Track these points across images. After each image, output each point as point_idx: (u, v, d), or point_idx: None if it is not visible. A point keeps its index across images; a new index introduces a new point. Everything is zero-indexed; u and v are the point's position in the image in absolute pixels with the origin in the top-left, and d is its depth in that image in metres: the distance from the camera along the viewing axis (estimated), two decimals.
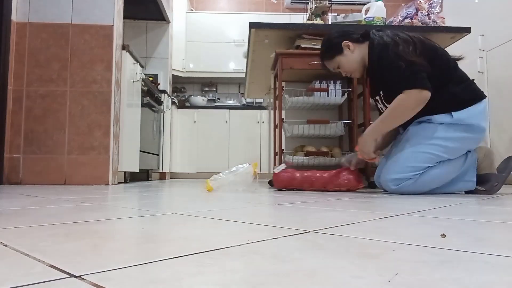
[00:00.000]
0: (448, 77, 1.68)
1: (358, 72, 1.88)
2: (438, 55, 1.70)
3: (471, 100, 1.65)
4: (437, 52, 1.70)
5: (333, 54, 1.87)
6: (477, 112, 1.65)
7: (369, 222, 0.78)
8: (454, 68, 1.71)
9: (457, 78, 1.69)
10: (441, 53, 1.72)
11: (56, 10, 2.61)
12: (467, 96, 1.66)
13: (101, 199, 1.34)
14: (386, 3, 2.49)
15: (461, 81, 1.69)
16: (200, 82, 5.53)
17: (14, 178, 2.51)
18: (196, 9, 5.59)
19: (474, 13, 3.32)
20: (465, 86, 1.68)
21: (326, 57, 1.91)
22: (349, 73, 1.90)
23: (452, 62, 1.72)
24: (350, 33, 1.87)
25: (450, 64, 1.70)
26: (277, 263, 0.44)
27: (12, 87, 2.55)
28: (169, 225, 0.75)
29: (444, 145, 1.64)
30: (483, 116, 1.67)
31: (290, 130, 2.33)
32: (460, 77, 1.70)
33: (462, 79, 1.71)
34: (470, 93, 1.68)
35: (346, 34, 1.87)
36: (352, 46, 1.84)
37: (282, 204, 1.20)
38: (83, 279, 0.37)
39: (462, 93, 1.66)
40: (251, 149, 4.77)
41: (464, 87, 1.68)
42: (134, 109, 3.07)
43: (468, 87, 1.69)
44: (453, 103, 1.65)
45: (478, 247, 0.53)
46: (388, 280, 0.37)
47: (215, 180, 1.89)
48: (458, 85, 1.67)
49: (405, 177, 1.67)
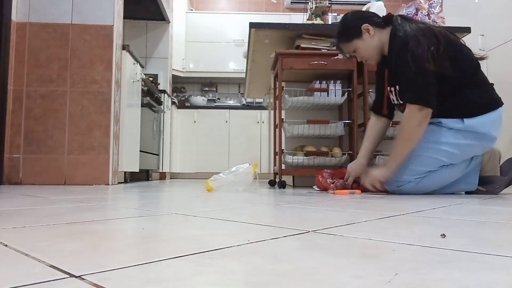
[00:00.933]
0: (468, 80, 1.60)
1: (374, 60, 1.77)
2: (463, 54, 1.61)
3: (486, 108, 1.58)
4: (462, 51, 1.61)
5: (351, 37, 1.73)
6: (490, 120, 1.57)
7: (369, 222, 0.78)
8: (476, 70, 1.62)
9: (476, 82, 1.61)
10: (465, 52, 1.62)
11: (56, 10, 2.61)
12: (483, 103, 1.58)
13: (101, 199, 1.34)
14: (386, 3, 2.49)
15: (480, 86, 1.61)
16: (200, 82, 5.53)
17: (14, 178, 2.51)
18: (196, 9, 5.59)
19: (474, 13, 3.32)
20: (482, 92, 1.61)
21: (343, 40, 1.77)
22: (365, 59, 1.79)
23: (475, 64, 1.63)
24: (371, 16, 1.76)
25: (473, 66, 1.62)
26: (277, 263, 0.44)
27: (12, 87, 2.55)
28: (169, 225, 0.75)
29: (450, 151, 1.59)
30: (496, 125, 1.59)
31: (290, 130, 2.33)
32: (480, 81, 1.62)
33: (481, 83, 1.62)
34: (486, 99, 1.60)
35: (368, 16, 1.76)
36: (372, 31, 1.70)
37: (282, 204, 1.20)
38: (83, 279, 0.37)
39: (478, 98, 1.59)
40: (251, 149, 4.77)
41: (481, 93, 1.60)
42: (134, 109, 3.07)
43: (485, 93, 1.61)
44: (467, 108, 1.58)
45: (478, 247, 0.53)
46: (388, 280, 0.37)
47: (215, 180, 1.89)
48: (475, 90, 1.59)
49: (407, 179, 1.63)
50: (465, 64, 1.60)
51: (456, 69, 1.57)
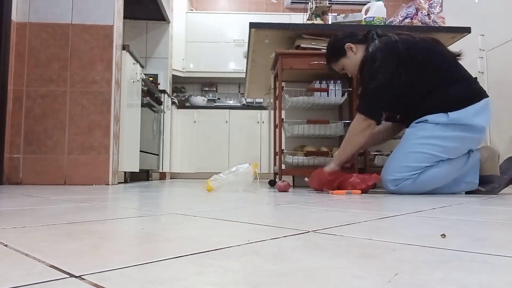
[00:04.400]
0: (446, 76, 1.67)
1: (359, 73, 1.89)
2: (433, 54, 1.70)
3: (468, 100, 1.62)
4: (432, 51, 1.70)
5: (337, 57, 1.91)
6: (473, 111, 1.61)
7: (369, 222, 0.78)
8: (451, 66, 1.70)
9: (456, 77, 1.67)
10: (437, 51, 1.71)
11: (56, 10, 2.61)
12: (465, 96, 1.63)
13: (101, 199, 1.34)
14: (386, 3, 2.49)
15: (460, 80, 1.67)
16: (200, 82, 5.53)
17: (14, 178, 2.51)
18: (196, 9, 5.59)
19: (474, 13, 3.32)
20: (463, 86, 1.66)
21: (332, 61, 1.96)
22: (354, 74, 1.95)
23: (450, 60, 1.71)
24: (354, 35, 1.89)
25: (448, 62, 1.70)
26: (277, 263, 0.44)
27: (12, 87, 2.55)
28: (169, 225, 0.75)
29: (442, 144, 1.62)
30: (481, 115, 1.63)
31: (290, 130, 2.33)
32: (459, 76, 1.68)
33: (461, 78, 1.68)
34: (468, 92, 1.65)
35: (349, 35, 1.89)
36: (355, 48, 1.86)
37: (282, 204, 1.20)
38: (83, 279, 0.37)
39: (459, 92, 1.64)
40: (251, 149, 4.77)
41: (462, 87, 1.66)
42: (134, 109, 3.07)
43: (467, 86, 1.67)
44: (449, 103, 1.63)
45: (478, 247, 0.53)
46: (388, 280, 0.37)
47: (215, 180, 1.89)
48: (456, 84, 1.65)
49: (402, 177, 1.65)
50: (439, 62, 1.68)
51: (430, 69, 1.66)
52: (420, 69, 1.67)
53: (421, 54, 1.69)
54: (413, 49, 1.69)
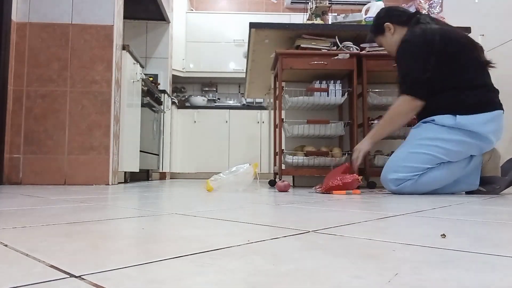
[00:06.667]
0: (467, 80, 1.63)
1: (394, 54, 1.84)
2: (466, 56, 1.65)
3: (479, 107, 1.59)
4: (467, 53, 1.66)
5: (376, 33, 1.93)
6: (482, 120, 1.58)
7: (369, 222, 0.78)
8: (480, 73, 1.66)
9: (477, 83, 1.64)
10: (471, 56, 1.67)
11: (56, 10, 2.61)
12: (477, 102, 1.60)
13: (101, 199, 1.34)
14: (386, 3, 2.49)
15: (478, 87, 1.63)
16: (200, 82, 5.53)
17: (14, 178, 2.51)
18: (196, 9, 5.59)
19: (474, 13, 3.32)
20: (479, 92, 1.62)
21: (372, 35, 1.98)
22: (391, 54, 1.91)
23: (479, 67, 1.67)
24: (396, 15, 1.86)
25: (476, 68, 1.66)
26: (277, 263, 0.44)
27: (12, 87, 2.55)
28: (169, 225, 0.75)
29: (444, 147, 1.61)
30: (490, 125, 1.59)
31: (290, 130, 2.33)
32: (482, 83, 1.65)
33: (482, 85, 1.64)
34: (481, 100, 1.61)
35: (391, 15, 1.87)
36: (393, 29, 1.85)
37: (282, 204, 1.20)
38: (83, 279, 0.37)
39: (472, 98, 1.61)
40: (251, 149, 4.76)
41: (478, 93, 1.62)
42: (134, 109, 3.07)
43: (483, 94, 1.63)
44: (459, 106, 1.61)
45: (478, 247, 0.53)
46: (388, 280, 0.37)
47: (215, 180, 1.89)
48: (473, 90, 1.62)
49: (404, 177, 1.65)
50: (468, 66, 1.65)
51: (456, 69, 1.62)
52: (448, 65, 1.64)
53: (454, 50, 1.65)
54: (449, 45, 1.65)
